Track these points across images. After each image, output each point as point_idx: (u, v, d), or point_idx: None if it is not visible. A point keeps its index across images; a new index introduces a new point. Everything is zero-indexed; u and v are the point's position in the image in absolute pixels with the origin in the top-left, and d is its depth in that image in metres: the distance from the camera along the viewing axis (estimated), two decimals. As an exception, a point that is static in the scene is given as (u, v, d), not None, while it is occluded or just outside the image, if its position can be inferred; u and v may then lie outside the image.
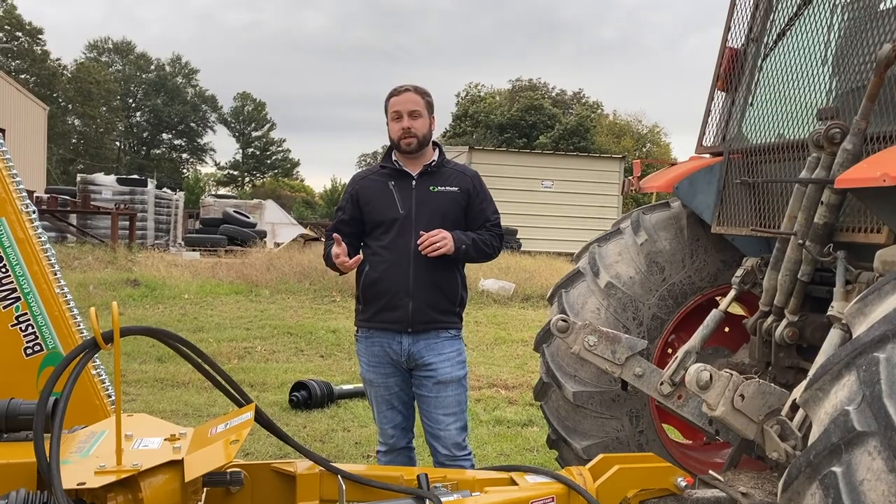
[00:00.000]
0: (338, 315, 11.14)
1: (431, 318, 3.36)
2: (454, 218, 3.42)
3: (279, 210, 27.37)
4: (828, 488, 2.01)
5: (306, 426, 5.81)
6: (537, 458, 5.22)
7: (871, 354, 2.04)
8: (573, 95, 59.06)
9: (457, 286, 3.45)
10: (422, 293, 3.33)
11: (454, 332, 3.45)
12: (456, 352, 3.45)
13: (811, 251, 2.79)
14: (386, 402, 3.49)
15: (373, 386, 3.50)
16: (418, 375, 3.43)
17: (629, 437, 3.70)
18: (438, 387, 3.41)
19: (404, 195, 3.40)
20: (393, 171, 3.47)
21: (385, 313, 3.38)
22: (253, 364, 7.84)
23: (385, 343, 3.41)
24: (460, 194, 3.44)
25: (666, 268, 3.69)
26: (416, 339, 3.37)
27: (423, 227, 3.32)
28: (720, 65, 3.71)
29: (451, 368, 3.41)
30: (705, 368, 2.42)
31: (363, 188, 3.49)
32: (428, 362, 3.39)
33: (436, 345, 3.39)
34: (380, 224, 3.40)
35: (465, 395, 3.49)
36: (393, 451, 3.51)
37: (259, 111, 72.90)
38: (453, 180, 3.45)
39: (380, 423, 3.54)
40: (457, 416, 3.45)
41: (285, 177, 73.20)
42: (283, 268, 13.94)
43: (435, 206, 3.38)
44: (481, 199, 3.51)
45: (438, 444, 3.45)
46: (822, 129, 2.76)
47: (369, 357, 3.48)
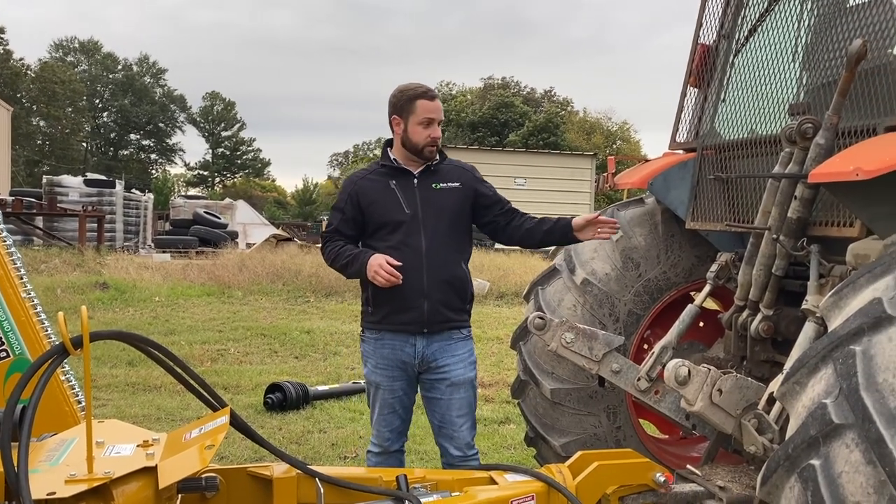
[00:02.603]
0: (312, 316, 11.06)
1: (446, 317, 3.31)
2: (461, 214, 3.38)
3: (251, 210, 27.15)
4: (806, 481, 2.02)
5: (282, 428, 5.75)
6: (515, 455, 5.22)
7: (848, 347, 2.05)
8: (544, 93, 59.39)
9: (467, 283, 3.41)
10: (436, 293, 3.27)
11: (466, 331, 3.42)
12: (468, 352, 3.41)
13: (785, 246, 2.81)
14: (389, 406, 3.41)
15: (378, 389, 3.41)
16: (430, 378, 3.37)
17: (607, 434, 3.71)
18: (452, 389, 3.36)
19: (408, 195, 3.31)
20: (392, 169, 3.38)
21: (399, 315, 3.30)
22: (226, 366, 7.75)
23: (397, 345, 3.34)
24: (463, 189, 3.38)
25: (641, 264, 3.70)
26: (430, 341, 3.32)
27: (431, 226, 3.28)
28: (692, 61, 3.73)
29: (463, 370, 3.37)
30: (683, 364, 2.42)
31: (363, 188, 3.38)
32: (441, 364, 3.33)
33: (449, 346, 3.34)
34: (384, 225, 3.30)
35: (475, 394, 3.47)
36: (385, 453, 3.44)
37: (228, 111, 72.19)
38: (454, 176, 3.40)
39: (377, 425, 3.46)
40: (468, 416, 3.42)
41: (256, 177, 72.61)
42: (256, 269, 13.81)
43: (441, 203, 3.33)
44: (488, 188, 3.49)
45: (451, 445, 3.41)
46: (795, 125, 2.78)
47: (377, 359, 3.38)
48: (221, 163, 71.99)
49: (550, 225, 3.37)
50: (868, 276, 2.20)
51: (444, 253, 3.29)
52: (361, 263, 3.20)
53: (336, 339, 9.28)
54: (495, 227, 3.47)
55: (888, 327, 1.99)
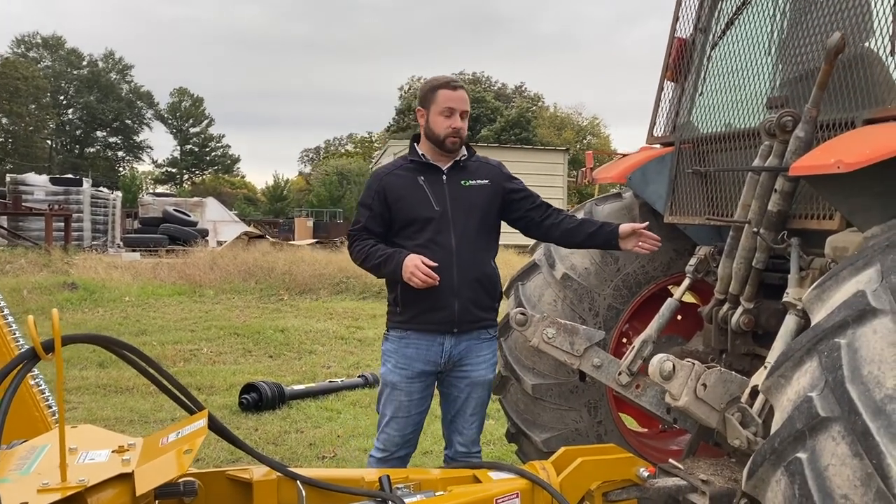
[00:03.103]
0: (286, 314, 10.95)
1: (476, 316, 3.26)
2: (490, 212, 3.32)
3: (221, 207, 26.86)
4: (793, 474, 2.01)
5: (258, 429, 5.67)
6: (494, 451, 5.20)
7: (833, 340, 2.05)
8: (515, 89, 59.56)
9: (496, 281, 3.37)
10: (466, 291, 3.21)
11: (493, 331, 3.38)
12: (492, 353, 3.38)
13: (765, 239, 2.81)
14: (403, 409, 3.32)
15: (395, 389, 3.32)
16: (451, 376, 3.34)
17: (588, 428, 3.70)
18: (471, 388, 3.34)
19: (437, 191, 3.24)
20: (420, 165, 3.29)
21: (429, 314, 3.21)
22: (199, 367, 7.64)
23: (423, 345, 3.26)
24: (491, 186, 3.32)
25: (620, 258, 3.69)
26: (458, 341, 3.26)
27: (461, 223, 3.22)
28: (669, 55, 3.72)
29: (485, 371, 3.35)
30: (668, 359, 2.41)
31: (390, 184, 3.28)
32: (465, 364, 3.31)
33: (476, 346, 3.31)
34: (412, 222, 3.22)
35: (489, 395, 3.46)
36: (389, 459, 3.34)
37: (197, 107, 71.37)
38: (482, 173, 3.34)
39: (388, 428, 3.33)
40: (480, 415, 3.41)
41: (226, 173, 71.90)
42: (228, 267, 13.65)
43: (470, 201, 3.26)
44: (517, 183, 3.43)
45: (459, 440, 3.39)
46: (774, 118, 2.78)
47: (399, 358, 3.30)
48: (190, 159, 71.17)
49: (594, 228, 3.31)
50: (850, 268, 2.21)
51: (473, 251, 3.23)
52: (396, 264, 3.11)
53: (311, 338, 9.20)
54: (529, 223, 3.41)
55: (872, 320, 2.00)
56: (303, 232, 27.48)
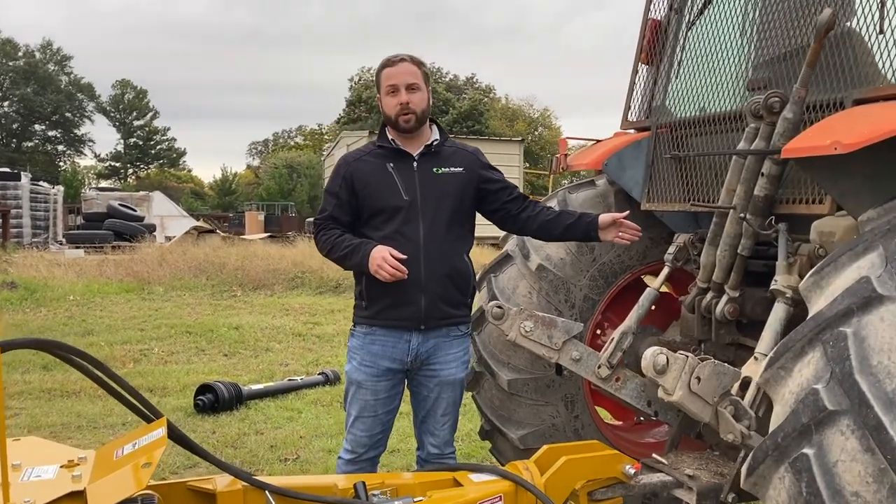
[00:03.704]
0: (240, 311, 10.65)
1: (445, 313, 3.07)
2: (463, 202, 3.13)
3: (168, 202, 26.20)
4: (799, 471, 1.91)
5: (215, 431, 5.43)
6: (464, 447, 5.07)
7: (837, 329, 1.96)
8: (466, 80, 59.43)
9: (469, 275, 3.16)
10: (434, 286, 3.02)
11: (465, 328, 3.20)
12: (463, 351, 3.20)
13: (752, 224, 2.72)
14: (370, 408, 3.15)
15: (360, 388, 3.15)
16: (420, 375, 3.16)
17: (565, 423, 3.59)
18: (440, 387, 3.16)
19: (406, 178, 3.05)
20: (390, 150, 3.10)
21: (394, 310, 3.05)
22: (150, 367, 7.34)
23: (390, 342, 3.09)
24: (466, 175, 3.13)
25: (596, 247, 3.57)
26: (426, 338, 3.08)
27: (431, 213, 3.03)
28: (643, 37, 3.61)
29: (455, 370, 3.16)
30: (661, 352, 2.30)
31: (358, 171, 3.10)
32: (433, 363, 3.13)
33: (445, 343, 3.12)
34: (380, 211, 3.05)
35: (462, 393, 3.28)
36: (358, 461, 3.18)
37: (140, 99, 69.47)
38: (457, 160, 3.15)
39: (355, 429, 3.18)
40: (452, 415, 3.24)
41: (171, 167, 70.29)
42: (177, 263, 13.23)
43: (442, 190, 3.07)
44: (493, 171, 3.24)
45: (431, 441, 3.23)
46: (761, 99, 2.69)
47: (364, 355, 3.13)
48: (134, 153, 69.28)
49: (573, 220, 3.15)
50: (850, 253, 2.12)
51: (443, 243, 3.04)
52: (363, 255, 2.93)
53: (267, 335, 8.94)
54: (505, 215, 3.23)
55: (879, 307, 1.90)
56: (254, 226, 26.97)
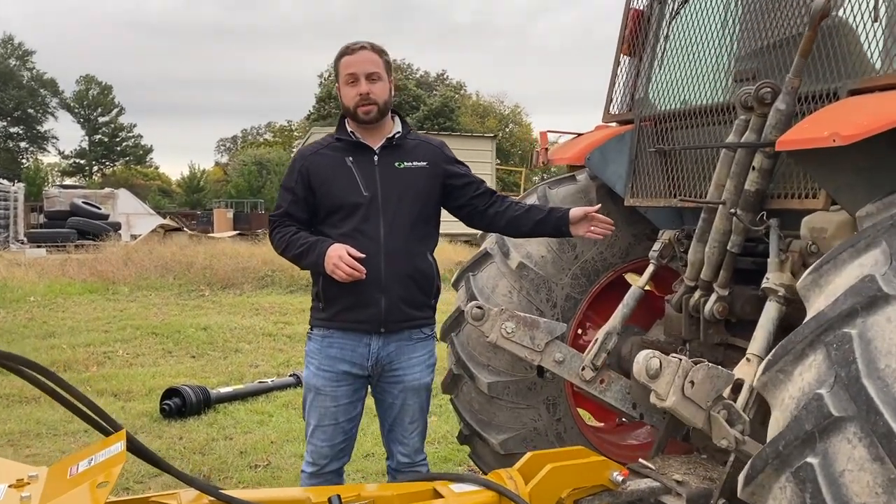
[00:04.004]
0: (208, 311, 10.39)
1: (406, 315, 2.92)
2: (427, 198, 2.96)
3: (134, 200, 25.68)
4: (803, 481, 1.81)
5: (182, 437, 5.23)
6: (440, 451, 4.94)
7: (841, 331, 1.86)
8: (437, 76, 59.24)
9: (432, 275, 3.00)
10: (396, 287, 2.87)
11: (428, 330, 3.04)
12: (427, 354, 3.04)
13: (743, 220, 2.62)
14: (330, 416, 2.98)
15: (318, 394, 2.99)
16: (384, 382, 3.00)
17: (547, 427, 3.47)
18: (405, 394, 3.00)
19: (366, 173, 2.89)
20: (349, 143, 2.94)
21: (353, 312, 2.89)
22: (115, 370, 7.08)
23: (348, 346, 2.93)
24: (430, 169, 2.97)
25: (577, 244, 3.46)
26: (387, 342, 2.93)
27: (392, 210, 2.87)
28: (624, 27, 3.50)
29: (420, 374, 3.00)
30: (654, 355, 2.18)
31: (315, 165, 2.94)
32: (396, 367, 2.96)
33: (408, 347, 2.96)
34: (339, 208, 2.89)
35: (429, 398, 3.12)
36: (322, 474, 3.01)
37: (105, 95, 68.16)
38: (420, 154, 2.99)
39: (315, 439, 3.02)
40: (420, 421, 3.08)
41: (138, 164, 69.09)
42: (143, 262, 12.90)
43: (404, 185, 2.90)
44: (459, 166, 3.07)
45: (400, 450, 3.07)
46: (752, 90, 2.59)
47: (322, 360, 2.97)
48: (99, 150, 67.99)
49: (543, 215, 2.99)
50: (851, 250, 2.02)
51: (406, 242, 2.88)
52: (318, 254, 2.77)
53: (236, 336, 8.71)
54: (472, 212, 3.07)
55: (885, 307, 1.81)
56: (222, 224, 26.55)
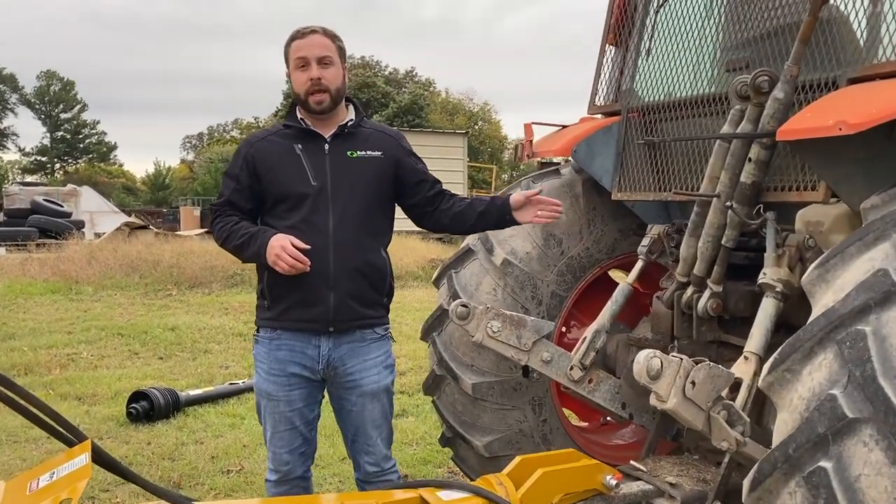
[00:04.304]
0: (175, 310, 10.12)
1: (357, 313, 2.76)
2: (380, 190, 2.81)
3: (98, 197, 25.13)
4: (816, 487, 1.72)
5: (150, 442, 5.03)
6: (419, 453, 4.81)
7: (854, 328, 1.77)
8: (406, 74, 58.96)
9: (386, 271, 2.85)
10: (345, 283, 2.71)
11: (382, 330, 2.88)
12: (384, 355, 2.88)
13: (739, 213, 2.53)
14: (285, 421, 2.84)
15: (271, 399, 2.84)
16: (339, 387, 2.85)
17: (532, 428, 3.36)
18: (364, 399, 2.84)
19: (316, 162, 2.73)
20: (299, 131, 2.79)
21: (299, 310, 2.74)
22: (79, 373, 6.83)
23: (297, 347, 2.78)
24: (385, 160, 2.82)
25: (563, 240, 3.36)
26: (337, 342, 2.77)
27: (342, 202, 2.72)
28: (610, 16, 3.41)
29: (378, 376, 2.84)
30: (655, 355, 2.08)
31: (261, 152, 2.79)
32: (350, 371, 2.80)
33: (361, 349, 2.80)
34: (285, 198, 2.74)
35: (392, 401, 2.96)
36: (286, 481, 2.87)
37: (67, 91, 66.82)
38: (375, 143, 2.83)
39: (273, 446, 2.89)
40: (384, 427, 2.92)
41: (101, 162, 67.82)
42: (108, 261, 12.54)
43: (355, 175, 2.75)
44: (416, 161, 2.92)
45: (367, 460, 2.91)
46: (748, 79, 2.50)
47: (271, 364, 2.82)
48: (62, 147, 66.66)
49: (484, 206, 2.86)
50: (858, 244, 1.94)
51: (356, 235, 2.74)
52: (260, 245, 2.62)
53: (205, 336, 8.48)
54: (421, 212, 2.93)
55: (901, 302, 1.72)
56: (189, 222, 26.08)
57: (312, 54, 2.69)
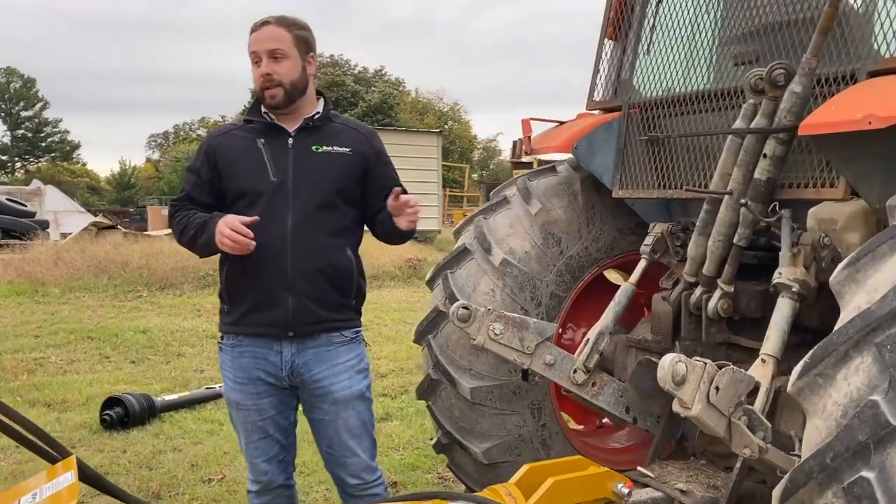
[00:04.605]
0: (146, 312, 9.86)
1: (318, 316, 2.62)
2: (345, 187, 2.66)
3: (62, 197, 24.53)
4: (858, 498, 1.63)
5: (126, 450, 4.84)
6: (407, 457, 4.69)
7: (894, 330, 1.69)
8: (375, 73, 58.64)
9: (351, 272, 2.70)
10: (304, 285, 2.58)
11: (350, 333, 2.73)
12: (355, 359, 2.73)
13: (753, 211, 2.45)
14: (258, 430, 2.72)
15: (240, 409, 2.72)
16: (308, 395, 2.71)
17: (532, 433, 3.26)
18: (336, 407, 2.69)
19: (278, 157, 2.61)
20: (264, 125, 2.68)
21: (257, 314, 2.61)
22: (48, 378, 6.59)
23: (259, 353, 2.65)
24: (353, 157, 2.68)
25: (562, 239, 3.26)
26: (300, 348, 2.63)
27: (303, 198, 2.58)
28: (609, 10, 3.32)
29: (348, 382, 2.69)
30: (680, 359, 1.99)
31: (223, 146, 2.69)
32: (318, 377, 2.66)
33: (328, 353, 2.66)
34: (244, 194, 2.61)
35: (370, 408, 2.80)
36: (268, 491, 2.75)
37: (28, 88, 65.32)
38: (344, 139, 2.69)
39: (250, 455, 2.77)
40: (363, 436, 2.76)
41: (64, 161, 66.43)
42: (75, 262, 12.18)
43: (319, 170, 2.60)
44: (384, 163, 2.78)
45: (346, 474, 2.76)
46: (763, 71, 2.42)
47: (236, 372, 2.69)
48: (23, 146, 65.14)
49: (384, 213, 2.71)
50: (891, 242, 1.86)
51: (318, 234, 2.59)
52: (210, 232, 2.50)
53: (178, 339, 8.26)
54: (372, 221, 2.80)
55: (944, 302, 1.65)
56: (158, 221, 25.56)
57: (263, 48, 2.59)
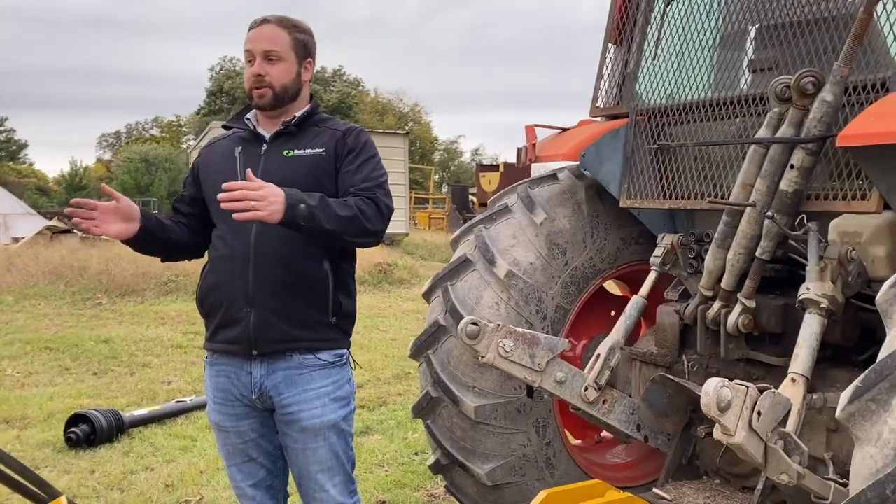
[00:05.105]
0: (107, 321, 9.50)
1: (285, 334, 2.42)
2: (319, 190, 2.41)
3: (11, 198, 23.71)
4: (926, 535, 1.55)
5: (94, 471, 4.58)
6: (392, 474, 4.52)
7: (959, 353, 1.61)
8: (333, 72, 58.19)
9: (326, 286, 2.45)
10: (267, 298, 2.40)
11: (329, 356, 2.50)
12: (331, 385, 2.50)
13: (779, 224, 2.36)
14: (240, 453, 2.57)
15: (220, 430, 2.57)
16: (279, 420, 2.53)
17: (536, 452, 3.14)
18: (304, 436, 2.49)
19: (250, 164, 2.43)
20: (247, 133, 2.58)
21: (224, 330, 2.46)
22: (5, 393, 6.25)
23: (232, 373, 2.49)
24: (326, 157, 2.48)
25: (568, 250, 3.15)
26: (271, 369, 2.44)
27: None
28: (612, 15, 3.22)
29: (320, 410, 2.47)
30: (724, 384, 1.88)
31: (206, 158, 2.65)
32: (286, 402, 2.46)
33: (299, 377, 2.45)
34: (213, 203, 2.45)
35: (346, 441, 2.58)
36: None
37: (-27, 86, 63.22)
38: (319, 140, 2.51)
39: (233, 480, 2.62)
40: (335, 471, 2.54)
41: (11, 160, 64.43)
42: (29, 268, 11.72)
43: (287, 176, 2.38)
44: (353, 158, 2.49)
45: None
46: (790, 79, 2.33)
47: (215, 392, 2.55)
48: (-34, 146, 63.01)
49: None
50: (944, 259, 1.78)
51: (284, 243, 2.39)
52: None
53: (142, 348, 7.95)
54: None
55: None
56: (111, 224, 24.84)
57: (258, 48, 2.47)
